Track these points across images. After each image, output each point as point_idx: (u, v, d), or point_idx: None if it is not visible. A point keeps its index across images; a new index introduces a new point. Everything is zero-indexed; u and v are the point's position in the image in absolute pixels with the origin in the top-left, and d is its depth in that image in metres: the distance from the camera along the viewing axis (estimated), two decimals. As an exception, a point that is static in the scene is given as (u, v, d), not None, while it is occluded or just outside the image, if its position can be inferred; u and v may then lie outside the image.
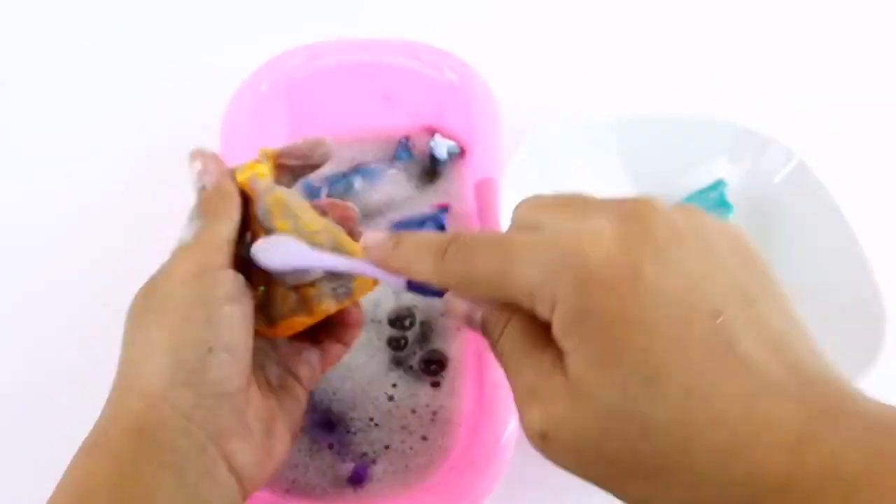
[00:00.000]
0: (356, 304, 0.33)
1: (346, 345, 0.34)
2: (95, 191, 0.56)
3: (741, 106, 0.62)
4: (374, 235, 0.27)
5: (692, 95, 0.64)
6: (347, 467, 0.38)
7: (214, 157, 0.31)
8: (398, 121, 0.53)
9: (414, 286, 0.27)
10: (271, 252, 0.29)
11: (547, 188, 0.51)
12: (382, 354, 0.42)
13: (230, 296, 0.27)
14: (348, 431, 0.39)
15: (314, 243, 0.30)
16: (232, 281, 0.28)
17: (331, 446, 0.39)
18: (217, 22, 0.70)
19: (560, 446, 0.21)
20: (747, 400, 0.19)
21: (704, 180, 0.53)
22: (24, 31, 0.69)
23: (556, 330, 0.21)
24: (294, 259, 0.29)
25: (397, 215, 0.48)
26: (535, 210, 0.25)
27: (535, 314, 0.22)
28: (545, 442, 0.21)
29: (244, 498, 0.27)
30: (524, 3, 0.72)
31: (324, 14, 0.70)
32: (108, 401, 0.26)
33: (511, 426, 0.35)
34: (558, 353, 0.21)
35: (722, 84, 0.65)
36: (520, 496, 0.41)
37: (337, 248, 0.30)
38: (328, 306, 0.30)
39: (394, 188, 0.50)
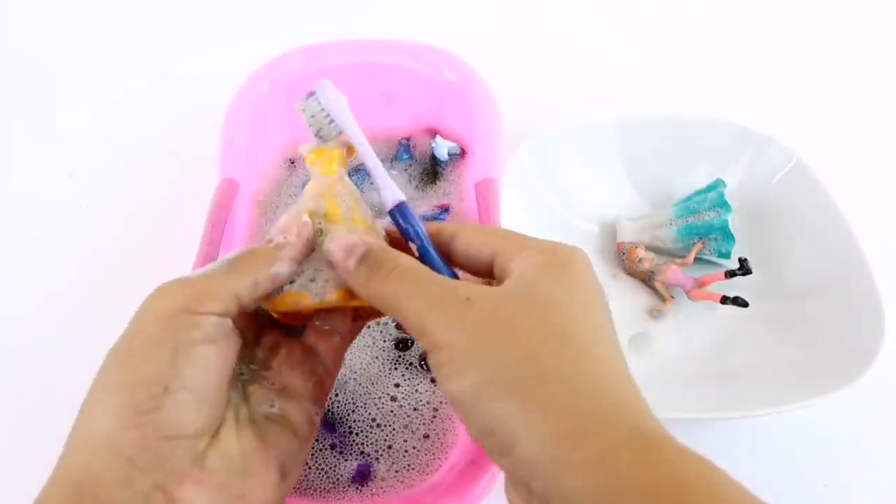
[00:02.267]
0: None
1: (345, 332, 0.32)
2: (95, 190, 0.56)
3: (740, 105, 0.62)
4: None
5: (691, 95, 0.64)
6: (350, 466, 0.38)
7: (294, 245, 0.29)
8: (398, 121, 0.53)
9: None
10: (329, 91, 0.31)
11: (547, 188, 0.51)
12: (386, 355, 0.42)
13: (208, 338, 0.25)
14: (350, 431, 0.39)
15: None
16: (213, 324, 0.25)
17: (333, 446, 0.39)
18: (217, 22, 0.70)
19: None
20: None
21: (704, 180, 0.53)
22: (24, 32, 0.69)
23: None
24: (339, 112, 0.32)
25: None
26: None
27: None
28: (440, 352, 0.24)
29: None
30: (524, 3, 0.72)
31: (324, 14, 0.70)
32: (58, 458, 0.24)
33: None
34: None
35: (721, 84, 0.65)
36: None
37: None
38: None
39: (394, 189, 0.50)
